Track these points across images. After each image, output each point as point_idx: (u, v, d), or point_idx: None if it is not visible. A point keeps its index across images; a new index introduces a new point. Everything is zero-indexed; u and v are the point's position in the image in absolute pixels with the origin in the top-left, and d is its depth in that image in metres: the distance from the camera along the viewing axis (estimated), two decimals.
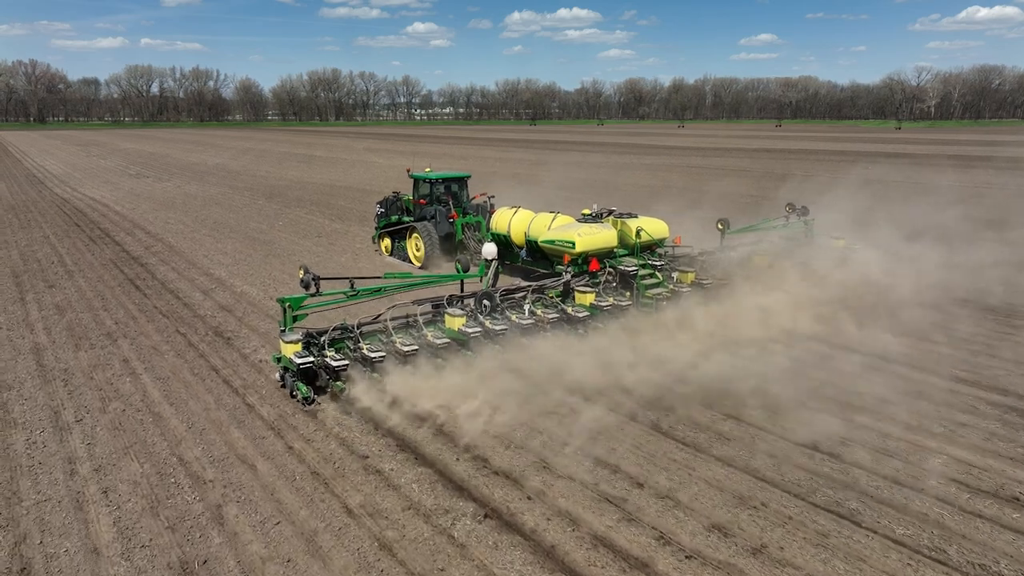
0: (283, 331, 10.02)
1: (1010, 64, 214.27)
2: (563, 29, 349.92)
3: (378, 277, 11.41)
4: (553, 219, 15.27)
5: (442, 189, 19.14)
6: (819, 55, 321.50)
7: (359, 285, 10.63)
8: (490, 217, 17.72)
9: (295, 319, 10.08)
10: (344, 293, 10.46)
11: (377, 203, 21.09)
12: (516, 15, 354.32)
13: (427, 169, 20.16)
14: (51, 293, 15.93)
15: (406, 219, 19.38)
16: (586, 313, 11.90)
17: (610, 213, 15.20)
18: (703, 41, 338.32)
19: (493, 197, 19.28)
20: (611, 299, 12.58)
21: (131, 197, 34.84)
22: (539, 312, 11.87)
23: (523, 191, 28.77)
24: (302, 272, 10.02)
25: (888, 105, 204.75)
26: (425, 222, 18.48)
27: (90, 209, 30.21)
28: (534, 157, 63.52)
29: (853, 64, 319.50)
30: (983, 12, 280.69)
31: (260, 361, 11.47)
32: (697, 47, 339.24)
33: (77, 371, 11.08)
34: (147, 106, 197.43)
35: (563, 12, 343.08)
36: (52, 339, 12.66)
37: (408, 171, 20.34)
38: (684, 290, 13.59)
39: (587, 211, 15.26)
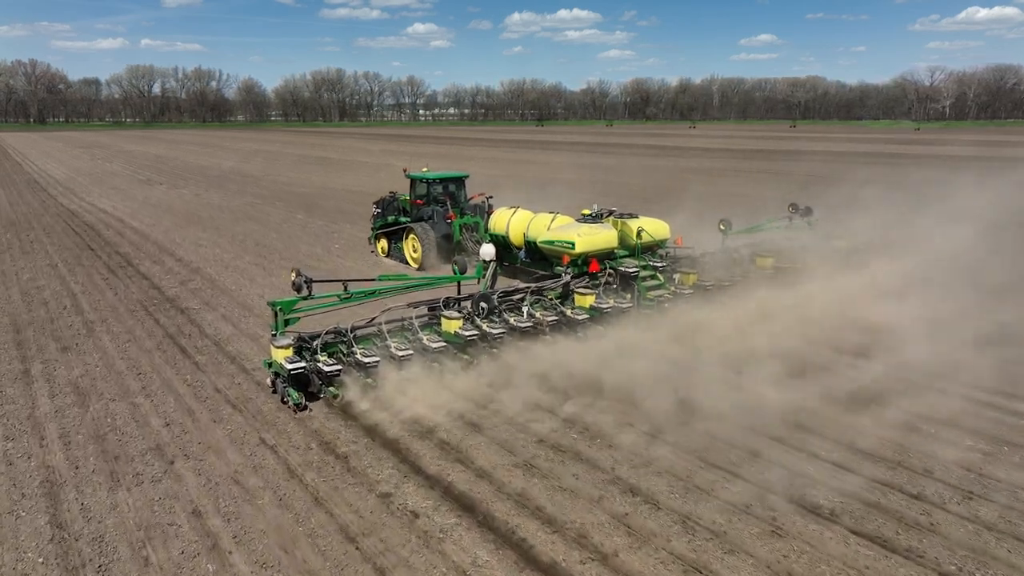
0: (274, 335, 9.75)
1: None
2: (563, 30, 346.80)
3: (372, 279, 11.12)
4: (552, 219, 14.96)
5: (439, 189, 18.78)
6: (819, 55, 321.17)
7: (353, 288, 10.37)
8: (488, 217, 17.32)
9: (287, 323, 9.87)
10: (337, 296, 10.22)
11: (374, 203, 20.54)
12: (516, 16, 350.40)
13: (424, 169, 19.63)
14: (65, 361, 11.49)
15: (403, 220, 18.91)
16: (586, 315, 11.72)
17: (610, 213, 14.90)
18: (703, 41, 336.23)
19: (491, 197, 18.71)
20: (611, 301, 12.36)
21: (147, 209, 30.39)
22: (538, 314, 11.65)
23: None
24: (294, 274, 9.85)
25: (898, 105, 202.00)
26: (422, 223, 18.12)
27: (103, 225, 25.76)
28: (572, 160, 59.08)
29: (853, 64, 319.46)
30: (983, 13, 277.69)
31: (419, 510, 7.06)
32: (697, 47, 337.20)
33: (121, 542, 6.62)
34: (148, 107, 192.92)
35: (563, 13, 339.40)
36: (73, 460, 8.21)
37: (405, 171, 19.81)
38: (686, 292, 13.33)
39: (587, 211, 14.88)
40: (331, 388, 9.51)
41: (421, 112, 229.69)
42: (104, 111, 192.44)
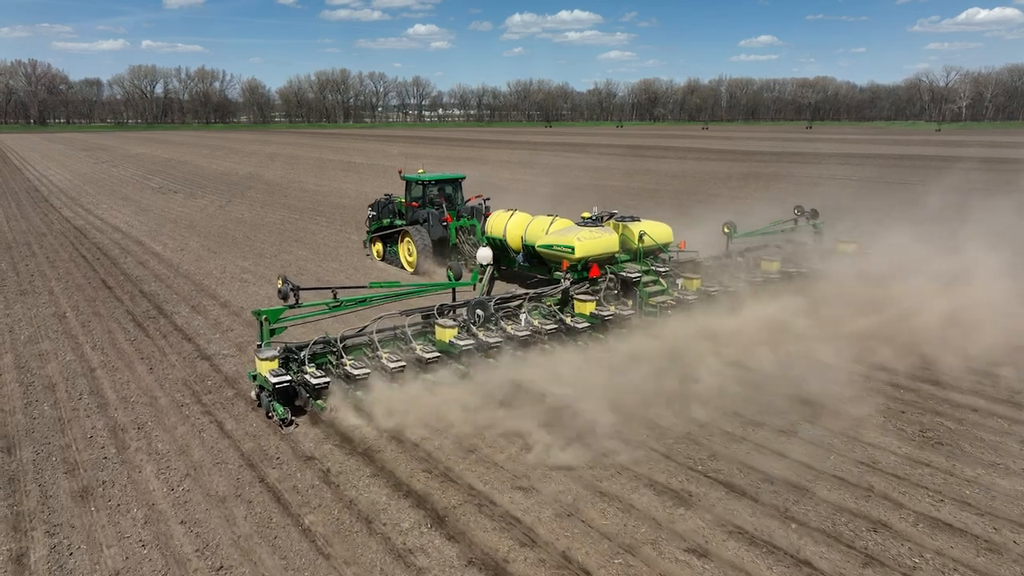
0: (259, 346, 9.27)
1: None
2: (563, 31, 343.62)
3: (363, 286, 10.91)
4: (551, 222, 14.39)
5: (435, 191, 18.30)
6: (819, 56, 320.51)
7: (343, 295, 9.94)
8: (485, 220, 16.97)
9: (272, 333, 9.38)
10: (326, 304, 9.83)
11: (369, 206, 20.09)
12: (517, 17, 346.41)
13: (420, 170, 18.96)
14: (86, 525, 6.83)
15: (398, 222, 18.47)
16: (586, 323, 11.33)
17: (611, 216, 14.40)
18: (703, 43, 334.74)
19: (489, 199, 18.50)
20: (612, 308, 11.91)
21: (167, 226, 25.74)
22: (536, 322, 11.11)
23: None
24: (280, 282, 9.54)
25: (909, 107, 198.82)
26: (418, 225, 17.72)
27: (118, 249, 21.11)
28: (611, 164, 54.35)
29: (853, 65, 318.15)
30: (983, 14, 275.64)
31: None
32: (697, 48, 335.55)
33: None
34: (151, 108, 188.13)
35: (564, 14, 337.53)
36: None
37: (400, 172, 19.36)
38: (690, 297, 12.68)
39: (587, 214, 14.13)
40: (319, 401, 9.12)
41: (426, 113, 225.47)
42: (106, 112, 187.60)
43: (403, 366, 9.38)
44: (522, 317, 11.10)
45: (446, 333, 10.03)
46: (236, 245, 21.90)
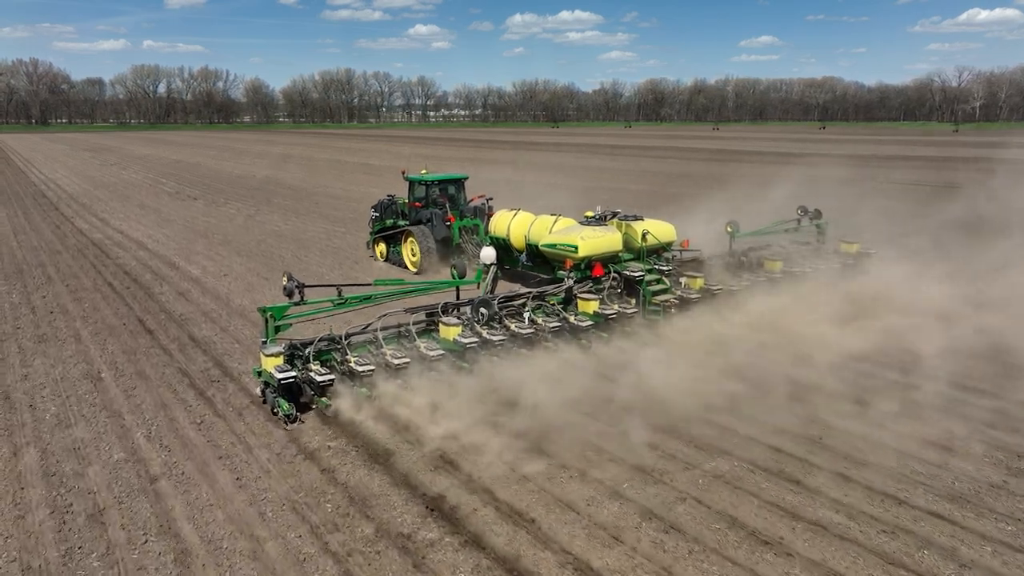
0: (264, 343, 9.26)
1: None
2: (564, 31, 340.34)
3: (367, 284, 10.82)
4: (555, 222, 14.38)
5: (438, 191, 18.36)
6: (820, 57, 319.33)
7: (348, 293, 9.94)
8: (488, 220, 17.01)
9: (278, 330, 9.35)
10: (331, 301, 9.78)
11: (372, 207, 20.07)
12: (518, 17, 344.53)
13: (423, 171, 18.91)
14: None
15: (401, 223, 18.45)
16: (589, 322, 11.42)
17: (614, 215, 14.27)
18: (704, 43, 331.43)
19: (491, 199, 18.52)
20: (616, 306, 12.07)
21: (199, 241, 22.41)
22: (539, 320, 11.14)
23: None
24: (285, 279, 9.50)
25: (919, 107, 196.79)
26: (421, 226, 17.77)
27: (149, 273, 17.77)
28: (648, 167, 50.99)
29: (853, 65, 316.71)
30: (984, 14, 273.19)
31: None
32: (697, 49, 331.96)
33: None
34: (153, 108, 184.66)
35: (565, 14, 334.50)
36: None
37: (403, 172, 19.21)
38: (693, 296, 12.86)
39: (590, 213, 14.13)
40: (323, 399, 9.08)
41: (431, 113, 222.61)
42: (108, 112, 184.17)
43: (407, 362, 9.34)
44: (526, 315, 11.04)
45: (450, 331, 10.04)
46: (288, 268, 18.55)
